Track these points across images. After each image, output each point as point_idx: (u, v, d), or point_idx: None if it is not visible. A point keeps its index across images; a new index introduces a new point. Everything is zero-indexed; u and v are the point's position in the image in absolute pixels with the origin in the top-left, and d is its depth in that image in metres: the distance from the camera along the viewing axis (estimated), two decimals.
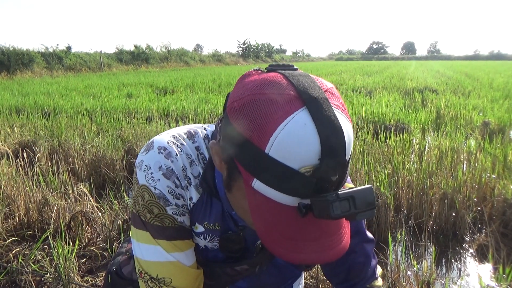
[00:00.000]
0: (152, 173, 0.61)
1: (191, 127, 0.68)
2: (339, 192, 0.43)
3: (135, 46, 27.73)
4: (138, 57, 26.85)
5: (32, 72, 18.13)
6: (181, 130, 0.66)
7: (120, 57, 26.10)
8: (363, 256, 0.77)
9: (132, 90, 8.64)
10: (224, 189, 0.60)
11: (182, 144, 0.63)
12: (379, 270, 0.81)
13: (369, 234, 0.79)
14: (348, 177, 0.77)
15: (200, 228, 0.69)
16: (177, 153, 0.62)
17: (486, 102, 6.33)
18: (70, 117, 5.16)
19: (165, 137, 0.64)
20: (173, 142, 0.63)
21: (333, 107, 0.46)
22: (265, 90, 0.47)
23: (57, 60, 20.99)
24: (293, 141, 0.43)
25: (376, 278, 0.79)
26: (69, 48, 23.14)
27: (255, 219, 0.49)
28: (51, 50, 21.58)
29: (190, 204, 0.66)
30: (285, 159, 0.43)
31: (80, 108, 5.90)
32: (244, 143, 0.46)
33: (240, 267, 0.72)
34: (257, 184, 0.47)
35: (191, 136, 0.65)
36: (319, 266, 1.70)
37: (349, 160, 0.47)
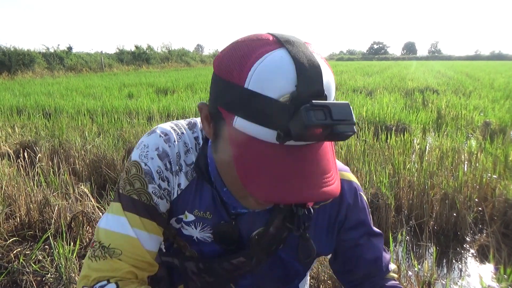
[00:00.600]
0: (148, 151, 0.63)
1: (192, 118, 0.72)
2: (313, 101, 0.43)
3: (136, 47, 27.76)
4: (139, 57, 26.87)
5: (33, 73, 18.15)
6: (183, 121, 0.70)
7: (121, 57, 26.12)
8: (372, 251, 0.73)
9: (133, 91, 8.65)
10: (215, 171, 0.61)
11: (183, 133, 0.66)
12: (392, 266, 0.77)
13: (376, 229, 0.76)
14: (347, 168, 0.76)
15: (190, 217, 0.68)
16: (176, 140, 0.65)
17: (487, 102, 6.33)
18: (71, 118, 5.17)
19: (168, 124, 0.68)
20: (174, 130, 0.66)
21: (313, 53, 0.48)
22: (246, 39, 0.51)
23: (58, 61, 21.02)
24: (270, 71, 0.45)
25: (389, 271, 0.76)
26: (70, 48, 23.17)
27: (238, 164, 0.49)
28: (52, 50, 21.61)
29: (178, 190, 0.66)
30: (263, 89, 0.45)
31: (81, 108, 5.91)
32: (225, 84, 0.48)
33: (236, 260, 0.71)
34: (238, 122, 0.47)
35: (191, 126, 0.68)
36: (320, 266, 1.70)
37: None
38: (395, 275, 0.76)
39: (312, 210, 0.64)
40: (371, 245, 0.73)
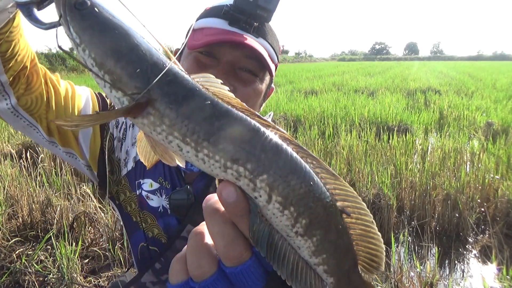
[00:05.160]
0: None
1: None
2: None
3: None
4: None
5: None
6: None
7: None
8: None
9: None
10: None
11: None
12: None
13: None
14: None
15: (155, 185, 0.71)
16: None
17: (490, 103, 6.31)
18: None
19: None
20: None
21: None
22: None
23: (61, 61, 21.10)
24: None
25: None
26: (72, 49, 23.22)
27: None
28: (54, 51, 21.70)
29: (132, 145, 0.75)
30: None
31: None
32: None
33: (186, 231, 0.67)
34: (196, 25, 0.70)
35: None
36: None
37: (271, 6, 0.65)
38: None
39: None
40: None
